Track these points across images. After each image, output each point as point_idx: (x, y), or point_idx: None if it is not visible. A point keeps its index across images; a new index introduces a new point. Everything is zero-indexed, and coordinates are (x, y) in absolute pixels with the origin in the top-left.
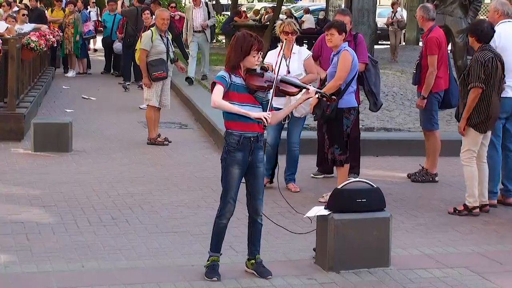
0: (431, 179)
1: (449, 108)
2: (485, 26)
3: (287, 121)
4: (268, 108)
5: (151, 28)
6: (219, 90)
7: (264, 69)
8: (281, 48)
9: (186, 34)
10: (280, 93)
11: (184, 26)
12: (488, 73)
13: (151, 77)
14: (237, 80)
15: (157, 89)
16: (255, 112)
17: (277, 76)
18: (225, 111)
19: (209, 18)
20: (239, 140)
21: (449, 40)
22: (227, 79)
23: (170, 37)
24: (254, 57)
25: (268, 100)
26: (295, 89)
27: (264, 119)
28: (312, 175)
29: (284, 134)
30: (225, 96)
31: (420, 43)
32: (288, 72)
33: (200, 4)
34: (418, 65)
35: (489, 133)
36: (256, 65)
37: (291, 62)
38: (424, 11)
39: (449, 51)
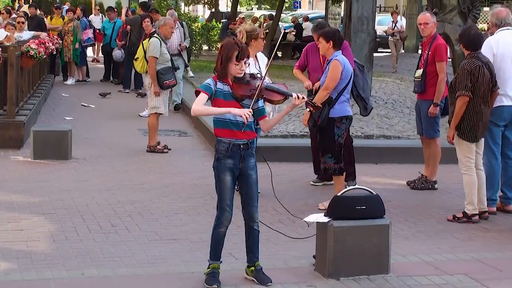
0: (430, 186)
1: (448, 115)
2: (472, 34)
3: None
4: (250, 107)
5: (154, 37)
6: (201, 98)
7: (253, 77)
8: (272, 57)
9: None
10: (265, 101)
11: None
12: (474, 82)
13: (162, 86)
14: (225, 87)
15: (164, 97)
16: (235, 109)
17: (261, 84)
18: (214, 118)
19: (185, 39)
20: (228, 147)
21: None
22: (212, 87)
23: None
24: (236, 65)
25: (261, 108)
26: (279, 97)
27: (244, 116)
28: (311, 182)
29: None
30: (213, 102)
31: (420, 51)
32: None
33: (175, 25)
34: (423, 73)
35: (481, 141)
36: (239, 73)
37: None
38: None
39: (449, 59)
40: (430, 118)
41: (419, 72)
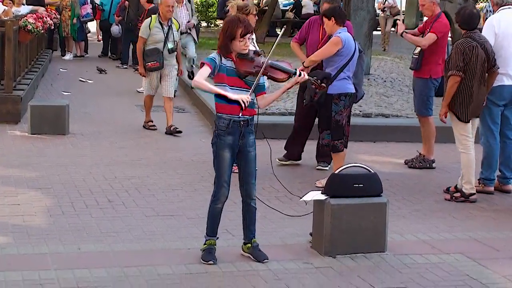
0: (428, 165)
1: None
2: (467, 13)
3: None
4: (250, 91)
5: (152, 15)
6: (204, 71)
7: (257, 53)
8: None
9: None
10: (269, 78)
11: None
12: (467, 61)
13: (145, 67)
14: (228, 63)
15: (151, 79)
16: (235, 94)
17: (266, 61)
18: (214, 94)
19: (192, 16)
20: (228, 124)
21: None
22: (216, 61)
23: (176, 26)
24: (240, 42)
25: (262, 84)
26: (284, 75)
27: (241, 102)
28: (277, 160)
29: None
30: (216, 78)
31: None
32: None
33: (183, 1)
34: (421, 50)
35: (476, 121)
36: (243, 49)
37: None
38: None
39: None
40: (423, 96)
41: (418, 49)
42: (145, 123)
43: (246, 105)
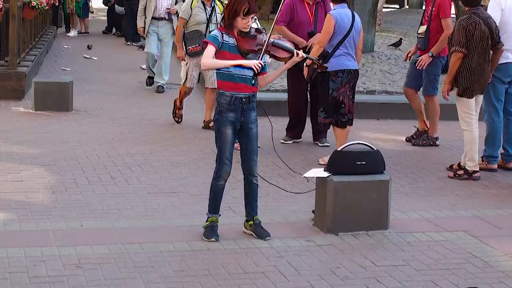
0: (432, 143)
1: None
2: None
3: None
4: (260, 56)
5: None
6: (209, 51)
7: (259, 31)
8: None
9: (144, 22)
10: (271, 57)
11: (139, 10)
12: (470, 38)
13: (186, 52)
14: (230, 40)
15: (190, 66)
16: (245, 61)
17: (268, 39)
18: (217, 71)
19: (176, 2)
20: (230, 101)
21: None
22: (219, 39)
23: (220, 9)
24: (242, 19)
25: (264, 63)
26: (286, 54)
27: (255, 67)
28: (281, 140)
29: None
30: (218, 54)
31: (423, 6)
32: None
33: None
34: (427, 29)
35: (480, 98)
36: (245, 28)
37: None
38: None
39: (452, 15)
40: (430, 75)
41: (423, 28)
42: (206, 122)
43: (259, 69)
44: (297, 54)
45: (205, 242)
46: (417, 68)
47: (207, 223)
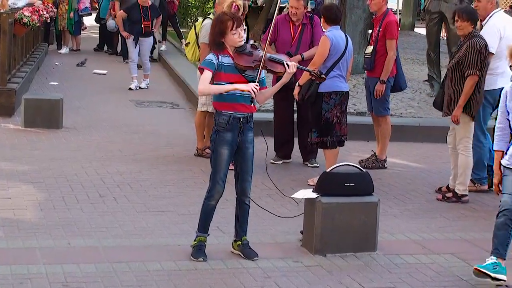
0: (380, 165)
1: (398, 92)
2: (476, 11)
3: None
4: (255, 78)
5: (209, 17)
6: (205, 77)
7: (254, 47)
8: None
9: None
10: (268, 72)
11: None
12: (482, 60)
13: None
14: (226, 60)
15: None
16: (241, 85)
17: (264, 55)
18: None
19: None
20: (228, 121)
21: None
22: (214, 62)
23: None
24: (234, 34)
25: (262, 78)
26: (283, 68)
27: (251, 91)
28: (271, 160)
29: None
30: (215, 77)
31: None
32: None
33: None
34: (373, 49)
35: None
36: (239, 41)
37: None
38: None
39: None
40: (381, 96)
41: (370, 48)
42: (200, 150)
43: (256, 92)
44: (289, 66)
45: (192, 262)
46: (376, 98)
47: (195, 242)
